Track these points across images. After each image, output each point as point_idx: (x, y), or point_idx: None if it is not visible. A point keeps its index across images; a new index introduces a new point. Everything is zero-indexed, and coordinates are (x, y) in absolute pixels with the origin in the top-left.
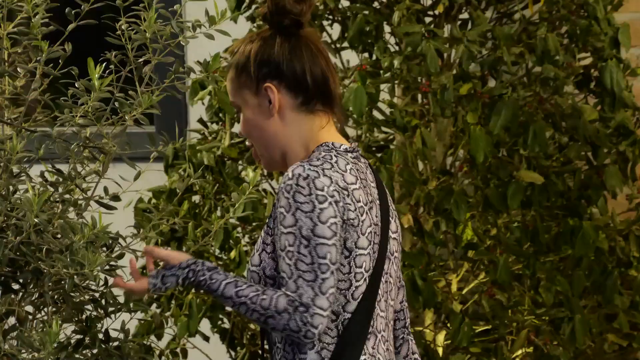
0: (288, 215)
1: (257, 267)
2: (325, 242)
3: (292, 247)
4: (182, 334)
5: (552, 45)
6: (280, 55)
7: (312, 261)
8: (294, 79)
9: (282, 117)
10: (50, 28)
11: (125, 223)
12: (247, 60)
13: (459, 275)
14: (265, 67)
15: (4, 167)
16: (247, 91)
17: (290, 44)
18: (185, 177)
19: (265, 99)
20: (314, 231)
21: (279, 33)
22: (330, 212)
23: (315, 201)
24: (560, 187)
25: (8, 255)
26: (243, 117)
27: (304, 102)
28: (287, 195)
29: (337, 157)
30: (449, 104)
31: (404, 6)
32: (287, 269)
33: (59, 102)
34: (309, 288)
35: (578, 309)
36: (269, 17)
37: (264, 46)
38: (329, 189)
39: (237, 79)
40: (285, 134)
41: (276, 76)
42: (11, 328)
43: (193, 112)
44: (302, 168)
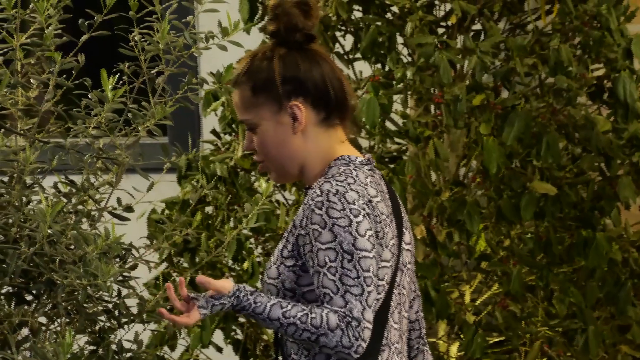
0: (324, 231)
1: (275, 279)
2: (367, 255)
3: (334, 263)
4: (195, 345)
5: (565, 56)
6: (304, 71)
7: (358, 275)
8: (318, 94)
9: (304, 133)
10: (63, 39)
11: (138, 234)
12: (268, 79)
13: (472, 287)
14: (290, 84)
15: (17, 178)
16: (267, 109)
17: (308, 60)
18: (198, 188)
19: (287, 116)
20: (355, 245)
21: (294, 49)
22: (365, 224)
23: (351, 215)
24: (574, 198)
25: (21, 266)
26: (261, 134)
27: (325, 118)
28: (319, 212)
29: (356, 170)
30: (461, 115)
31: (416, 17)
32: (331, 284)
33: (72, 113)
34: (357, 302)
35: (591, 321)
36: (283, 33)
37: (286, 64)
38: (359, 202)
39: (254, 97)
40: (305, 149)
41: (301, 93)
42: (24, 339)
43: (206, 123)
44: (330, 184)
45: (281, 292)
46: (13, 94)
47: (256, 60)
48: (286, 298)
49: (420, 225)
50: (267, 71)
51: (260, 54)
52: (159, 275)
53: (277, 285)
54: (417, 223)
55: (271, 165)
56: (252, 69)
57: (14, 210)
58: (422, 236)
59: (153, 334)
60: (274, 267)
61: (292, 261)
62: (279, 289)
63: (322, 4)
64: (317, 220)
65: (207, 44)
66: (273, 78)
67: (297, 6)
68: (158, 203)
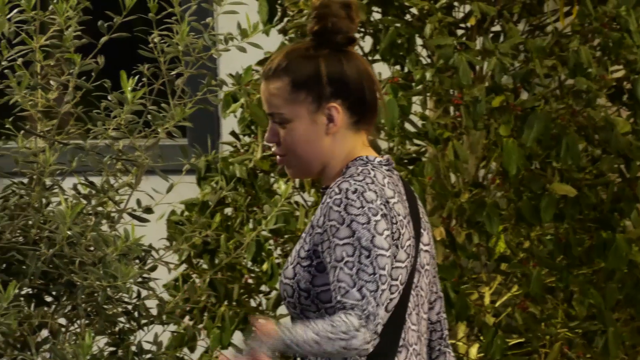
0: (342, 227)
1: (291, 280)
2: (384, 254)
3: (352, 258)
4: (215, 346)
5: (585, 57)
6: (348, 74)
7: (374, 272)
8: (356, 97)
9: (334, 134)
10: (82, 41)
11: (157, 235)
12: (314, 77)
13: (491, 288)
14: (333, 85)
15: (37, 180)
16: (305, 107)
17: (350, 62)
18: (218, 189)
19: (323, 117)
20: (374, 242)
21: (336, 50)
22: (383, 224)
23: (369, 213)
24: (593, 199)
25: (41, 267)
26: (291, 130)
27: (357, 121)
28: (337, 209)
29: (373, 170)
30: (481, 116)
31: (436, 19)
32: (348, 278)
33: (91, 114)
34: (372, 298)
35: (611, 322)
36: (328, 34)
37: (331, 64)
38: (377, 202)
39: (295, 94)
40: (331, 151)
41: (342, 95)
42: (44, 340)
43: (225, 124)
44: (348, 183)
45: (296, 292)
46: (33, 95)
47: (297, 56)
48: (301, 298)
49: (440, 226)
50: (312, 69)
51: (302, 50)
52: (178, 276)
53: (293, 285)
54: (437, 224)
55: (293, 161)
56: (294, 64)
57: (33, 212)
58: (441, 238)
59: (172, 335)
60: (291, 267)
61: (308, 261)
62: (294, 289)
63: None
64: (335, 217)
65: (226, 46)
66: (318, 77)
67: (343, 8)
68: (177, 204)
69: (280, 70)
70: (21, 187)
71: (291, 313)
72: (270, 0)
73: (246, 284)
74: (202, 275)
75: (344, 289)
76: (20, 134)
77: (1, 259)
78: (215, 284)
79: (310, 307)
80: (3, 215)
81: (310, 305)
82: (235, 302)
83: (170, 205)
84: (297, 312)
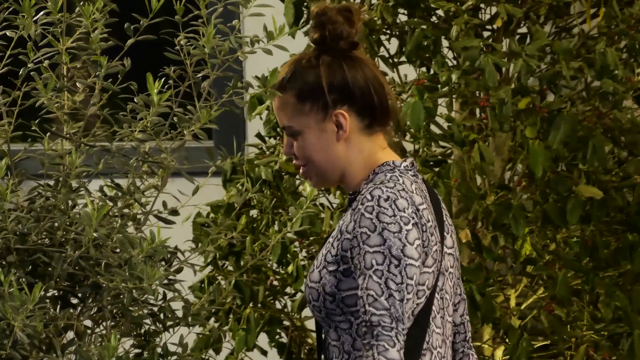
0: (374, 234)
1: (317, 283)
2: (413, 264)
3: (382, 266)
4: (240, 348)
5: (611, 59)
6: (351, 79)
7: (402, 281)
8: (363, 102)
9: (347, 140)
10: (109, 43)
11: (183, 237)
12: (315, 86)
13: (517, 291)
14: (337, 93)
15: (63, 182)
16: (312, 117)
17: (354, 67)
18: (243, 191)
19: (332, 124)
20: (404, 251)
21: (339, 56)
22: (414, 234)
23: (401, 222)
24: (620, 202)
25: (67, 269)
26: (303, 141)
27: (369, 125)
28: (369, 216)
29: (401, 176)
30: (507, 118)
31: (462, 20)
32: (377, 287)
33: (118, 117)
34: (399, 307)
35: (637, 324)
36: (328, 41)
37: (332, 72)
38: (409, 210)
39: (301, 105)
40: (347, 156)
41: (346, 101)
42: (70, 342)
43: (251, 127)
44: (381, 190)
45: (322, 296)
46: (59, 97)
47: (300, 67)
48: (326, 302)
49: (466, 229)
50: (313, 79)
51: (304, 61)
52: (204, 278)
53: (318, 289)
54: (462, 227)
55: (312, 171)
56: (296, 75)
57: (59, 214)
58: (467, 240)
59: (198, 337)
60: (317, 271)
61: (334, 266)
62: (319, 293)
63: (367, 8)
64: (366, 224)
65: (252, 48)
66: (320, 86)
67: (340, 13)
68: (203, 206)
69: (285, 83)
70: (47, 189)
71: (316, 317)
72: (296, 3)
73: (271, 285)
74: (228, 277)
75: (372, 297)
76: (47, 136)
77: (27, 261)
78: (241, 286)
79: (335, 311)
80: (29, 218)
81: (335, 309)
82: (260, 304)
83: (196, 207)
84: (323, 316)
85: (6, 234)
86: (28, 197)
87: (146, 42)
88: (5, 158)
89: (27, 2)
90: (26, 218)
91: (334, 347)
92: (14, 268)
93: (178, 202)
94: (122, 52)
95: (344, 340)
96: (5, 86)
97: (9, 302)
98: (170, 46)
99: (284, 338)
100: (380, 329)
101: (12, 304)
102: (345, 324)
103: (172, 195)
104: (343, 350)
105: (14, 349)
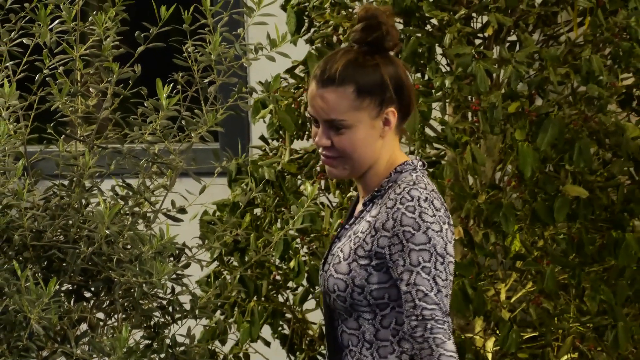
0: (418, 233)
1: (346, 275)
2: (452, 260)
3: (429, 263)
4: (245, 339)
5: (597, 66)
6: (404, 78)
7: (446, 277)
8: (406, 102)
9: (384, 137)
10: (120, 50)
11: (191, 234)
12: (378, 83)
13: (507, 285)
14: (394, 90)
15: (77, 182)
16: (367, 112)
17: (399, 67)
18: (248, 191)
19: (380, 121)
20: (447, 249)
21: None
22: (450, 232)
23: (440, 221)
24: (605, 201)
25: (81, 265)
26: (351, 135)
27: (400, 124)
28: (412, 215)
29: (423, 176)
30: (498, 121)
31: (455, 29)
32: (426, 283)
33: (129, 120)
34: (446, 302)
35: (621, 317)
36: (378, 41)
37: (390, 70)
38: (442, 210)
39: (360, 100)
40: (380, 153)
41: (398, 99)
42: (83, 334)
43: (255, 129)
44: (418, 191)
45: (350, 287)
46: (73, 102)
47: (357, 64)
48: (354, 294)
49: (458, 226)
50: (376, 76)
51: (360, 59)
52: (210, 273)
53: (347, 281)
54: (455, 224)
55: (346, 163)
56: (356, 71)
57: (73, 212)
58: (459, 237)
59: (205, 329)
60: (345, 264)
61: (366, 260)
62: (347, 284)
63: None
64: (409, 222)
65: (256, 55)
66: (382, 84)
67: (389, 16)
68: (209, 205)
69: (341, 78)
70: (62, 189)
71: (338, 307)
72: (298, 12)
73: (274, 280)
74: (233, 272)
75: (422, 292)
76: (61, 138)
77: (43, 256)
78: (245, 280)
79: (361, 302)
80: (45, 216)
81: (362, 300)
82: (264, 298)
83: (203, 206)
84: (346, 306)
85: (23, 231)
86: (43, 197)
87: (156, 50)
88: (22, 159)
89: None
90: (42, 216)
91: (350, 335)
92: (30, 263)
93: (186, 201)
94: (132, 58)
95: (365, 330)
96: (22, 91)
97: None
98: (178, 53)
99: (286, 330)
100: (434, 322)
101: (29, 298)
102: (369, 315)
103: (180, 194)
104: (364, 339)
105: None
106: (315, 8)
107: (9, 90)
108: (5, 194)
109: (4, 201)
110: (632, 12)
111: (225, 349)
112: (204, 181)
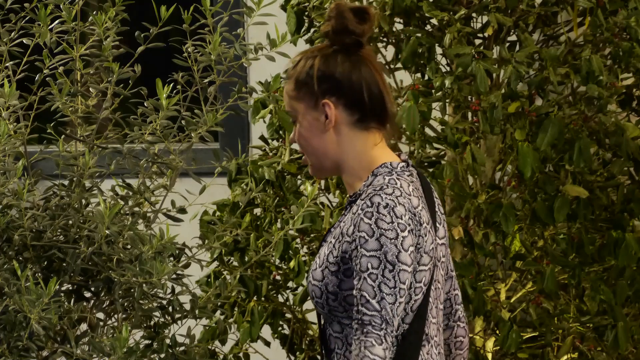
0: (371, 239)
1: (320, 282)
2: (406, 269)
3: (376, 270)
4: (245, 339)
5: (596, 66)
6: (341, 72)
7: (395, 285)
8: (352, 96)
9: (338, 132)
10: (120, 50)
11: (191, 234)
12: (308, 75)
13: (507, 285)
14: (326, 83)
15: (77, 182)
16: (305, 104)
17: (350, 62)
18: (248, 191)
19: (322, 114)
20: (399, 257)
21: (340, 51)
22: (409, 240)
23: (398, 229)
24: (604, 201)
25: (81, 265)
26: (299, 127)
27: (359, 120)
28: (368, 222)
29: (399, 179)
30: (497, 121)
31: (455, 29)
32: (370, 289)
33: (129, 120)
34: (390, 310)
35: (621, 317)
36: (332, 35)
37: (326, 63)
38: (406, 217)
39: (297, 91)
40: (338, 148)
41: (335, 93)
42: (83, 334)
43: (255, 129)
44: (380, 197)
45: (324, 294)
46: (73, 102)
47: (303, 57)
48: (329, 300)
49: (458, 226)
50: (309, 68)
51: (309, 52)
52: (210, 273)
53: (321, 288)
54: (455, 224)
55: (309, 158)
56: (298, 64)
57: (73, 212)
58: (459, 237)
59: (205, 329)
60: (319, 270)
61: (336, 267)
62: (322, 291)
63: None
64: (365, 228)
65: (256, 55)
66: (312, 75)
67: (352, 11)
68: (209, 205)
69: (289, 71)
70: (62, 189)
71: (319, 311)
72: (297, 12)
73: (274, 280)
74: (233, 272)
75: (365, 298)
76: (61, 138)
77: (43, 256)
78: (245, 280)
79: (337, 308)
80: (45, 216)
81: (337, 306)
82: (263, 298)
83: (203, 206)
84: (326, 312)
85: (23, 231)
86: (44, 196)
87: (156, 50)
88: (22, 159)
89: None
90: (42, 216)
91: (336, 338)
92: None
93: (186, 201)
94: (132, 59)
95: (347, 333)
96: (22, 91)
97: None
98: (178, 53)
99: (286, 330)
100: (371, 328)
101: (29, 298)
102: (347, 320)
103: (180, 194)
104: (347, 342)
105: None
106: (315, 8)
107: (9, 90)
108: (5, 194)
109: (4, 201)
110: (632, 12)
111: (225, 349)
112: (204, 181)
